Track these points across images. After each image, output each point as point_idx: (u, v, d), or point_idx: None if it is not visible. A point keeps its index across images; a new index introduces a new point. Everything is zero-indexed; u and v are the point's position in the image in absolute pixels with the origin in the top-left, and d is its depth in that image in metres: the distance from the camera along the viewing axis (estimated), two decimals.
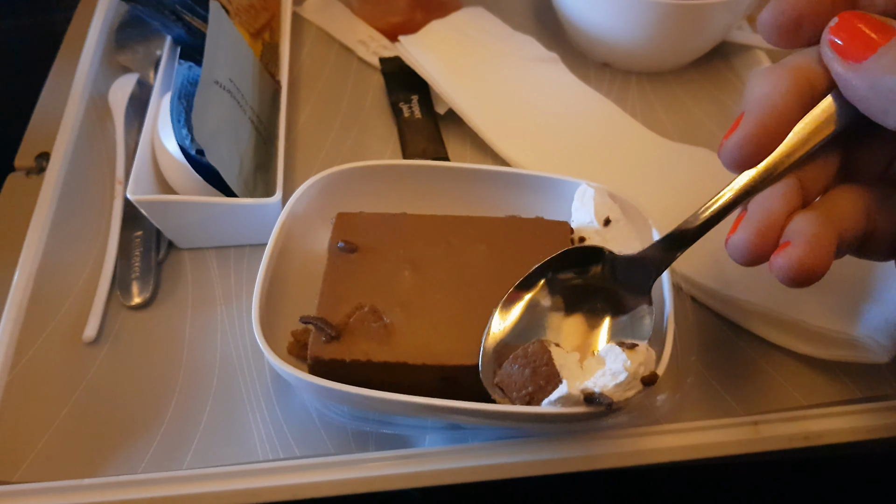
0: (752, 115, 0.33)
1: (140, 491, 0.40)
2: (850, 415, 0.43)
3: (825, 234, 0.32)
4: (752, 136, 0.32)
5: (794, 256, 0.31)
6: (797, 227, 0.32)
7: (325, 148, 0.57)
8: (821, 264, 0.31)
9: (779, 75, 0.33)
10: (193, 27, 0.55)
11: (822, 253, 0.31)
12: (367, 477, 0.40)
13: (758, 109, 0.32)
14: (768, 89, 0.32)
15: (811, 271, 0.31)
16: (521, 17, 0.68)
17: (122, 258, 0.50)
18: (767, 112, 0.32)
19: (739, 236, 0.33)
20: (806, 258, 0.31)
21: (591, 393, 0.36)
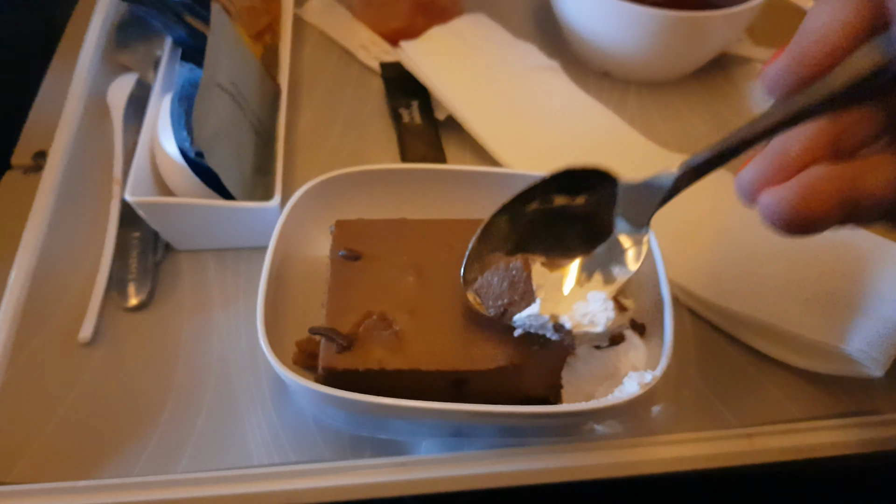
0: (800, 43, 0.30)
1: (135, 494, 0.39)
2: (843, 428, 0.43)
3: (830, 186, 0.29)
4: (795, 65, 0.30)
5: (780, 196, 0.29)
6: (805, 173, 0.30)
7: (325, 152, 0.58)
8: (813, 214, 0.29)
9: (841, 3, 0.30)
10: (195, 29, 0.55)
11: (817, 202, 0.29)
12: (363, 483, 0.40)
13: (808, 37, 0.30)
14: (825, 18, 0.30)
15: (799, 217, 0.29)
16: (522, 25, 0.68)
17: (119, 259, 0.49)
18: (818, 41, 0.30)
19: (745, 174, 0.31)
20: (794, 202, 0.29)
21: (560, 325, 0.36)
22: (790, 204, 0.29)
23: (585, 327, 0.37)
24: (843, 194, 0.29)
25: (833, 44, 0.29)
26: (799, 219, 0.29)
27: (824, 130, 0.30)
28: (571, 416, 0.39)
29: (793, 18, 0.58)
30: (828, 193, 0.29)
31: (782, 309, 0.45)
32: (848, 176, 0.30)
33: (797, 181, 0.29)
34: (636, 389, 0.38)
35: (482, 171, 0.48)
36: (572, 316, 0.37)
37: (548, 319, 0.37)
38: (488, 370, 0.39)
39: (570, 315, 0.37)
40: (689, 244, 0.50)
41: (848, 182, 0.29)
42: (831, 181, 0.29)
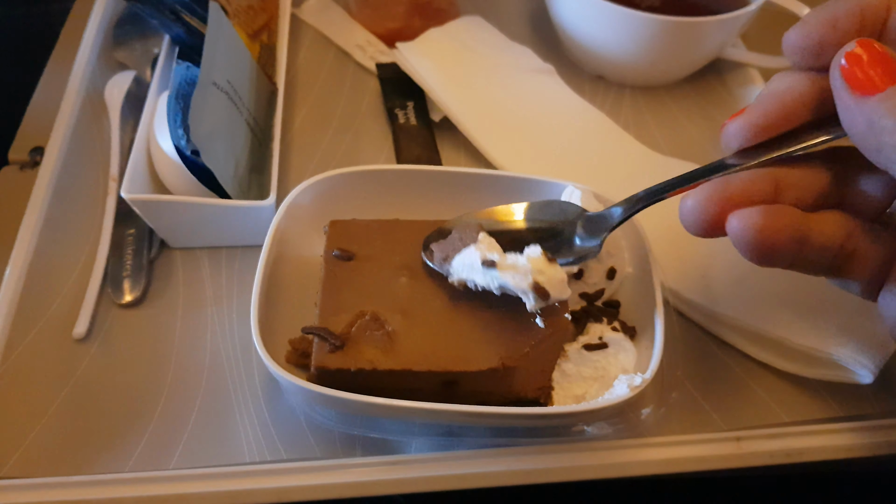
0: (760, 106, 0.35)
1: (127, 490, 0.40)
2: (831, 433, 0.44)
3: (790, 218, 0.32)
4: (753, 124, 0.34)
5: (751, 219, 0.32)
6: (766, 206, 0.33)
7: (320, 152, 0.58)
8: (779, 240, 0.32)
9: (800, 78, 0.34)
10: (192, 27, 0.55)
11: (782, 229, 0.32)
12: (353, 482, 0.41)
13: (767, 102, 0.34)
14: (784, 87, 0.34)
15: (767, 242, 0.32)
16: (517, 28, 0.68)
17: (114, 255, 0.50)
18: (776, 106, 0.34)
19: (691, 198, 0.34)
20: (765, 225, 0.32)
21: (490, 260, 0.39)
22: (756, 226, 0.32)
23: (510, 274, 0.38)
24: (798, 234, 0.33)
25: (788, 110, 0.34)
26: (760, 243, 0.32)
27: (768, 175, 0.34)
28: (561, 417, 0.40)
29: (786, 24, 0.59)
30: (786, 227, 0.32)
31: (772, 313, 0.46)
32: (802, 217, 0.33)
33: (763, 208, 0.32)
34: (626, 392, 0.38)
35: (476, 172, 0.49)
36: (501, 261, 0.39)
37: (478, 258, 0.39)
38: (479, 371, 0.39)
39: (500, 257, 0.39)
40: (680, 248, 0.50)
41: (801, 221, 0.33)
42: (790, 217, 0.33)
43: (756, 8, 0.58)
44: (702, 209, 0.34)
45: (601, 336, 0.44)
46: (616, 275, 0.47)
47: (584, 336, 0.44)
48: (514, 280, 0.38)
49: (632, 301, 0.46)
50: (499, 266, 0.39)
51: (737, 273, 0.48)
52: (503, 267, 0.39)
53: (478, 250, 0.39)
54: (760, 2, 0.58)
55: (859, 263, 0.35)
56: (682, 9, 0.58)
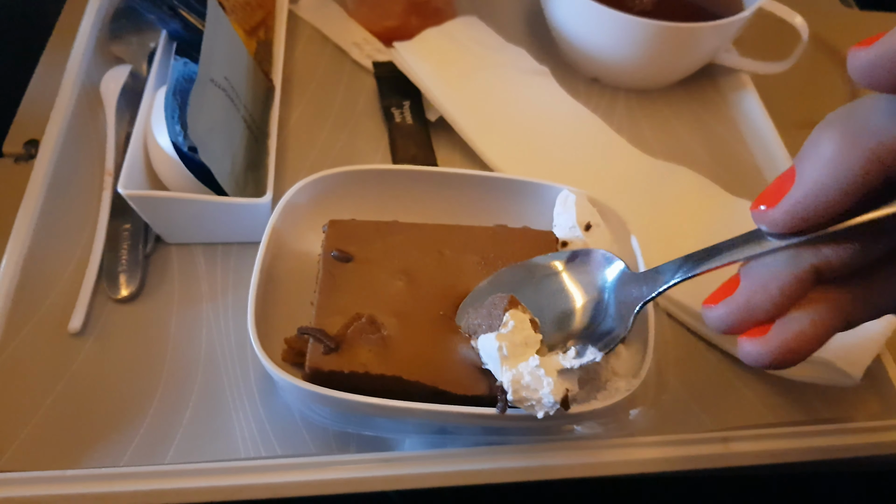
0: (799, 194, 0.28)
1: (122, 484, 0.40)
2: (816, 435, 0.44)
3: (815, 333, 0.29)
4: (790, 215, 0.29)
5: (761, 349, 0.30)
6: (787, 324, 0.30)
7: (316, 149, 0.58)
8: (792, 361, 0.30)
9: (849, 159, 0.27)
10: (189, 22, 0.55)
11: (796, 353, 0.30)
12: (347, 478, 0.41)
13: (806, 191, 0.28)
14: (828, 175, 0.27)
15: (778, 365, 0.30)
16: (513, 29, 0.69)
17: (110, 250, 0.50)
18: (816, 199, 0.28)
19: (716, 312, 0.31)
20: (775, 355, 0.30)
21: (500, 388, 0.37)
22: (770, 357, 0.30)
23: (524, 404, 0.36)
24: (824, 338, 0.30)
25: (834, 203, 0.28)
26: (777, 365, 0.30)
27: (807, 260, 0.30)
28: (553, 418, 0.40)
29: (779, 31, 0.60)
30: (812, 342, 0.29)
31: None
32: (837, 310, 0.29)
33: (778, 337, 0.29)
34: (617, 394, 0.39)
35: (472, 174, 0.49)
36: (517, 380, 0.36)
37: (497, 354, 0.37)
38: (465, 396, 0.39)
39: (516, 379, 0.36)
40: (671, 252, 0.50)
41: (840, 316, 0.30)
42: (814, 330, 0.29)
43: (749, 14, 0.58)
44: (730, 324, 0.31)
45: None
46: None
47: None
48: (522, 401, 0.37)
49: None
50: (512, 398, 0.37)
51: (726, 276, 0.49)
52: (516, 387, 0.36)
53: (498, 341, 0.37)
54: (754, 8, 0.59)
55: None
56: (675, 12, 0.59)
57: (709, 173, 0.57)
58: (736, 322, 0.31)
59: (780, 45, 0.61)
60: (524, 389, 0.36)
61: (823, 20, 0.70)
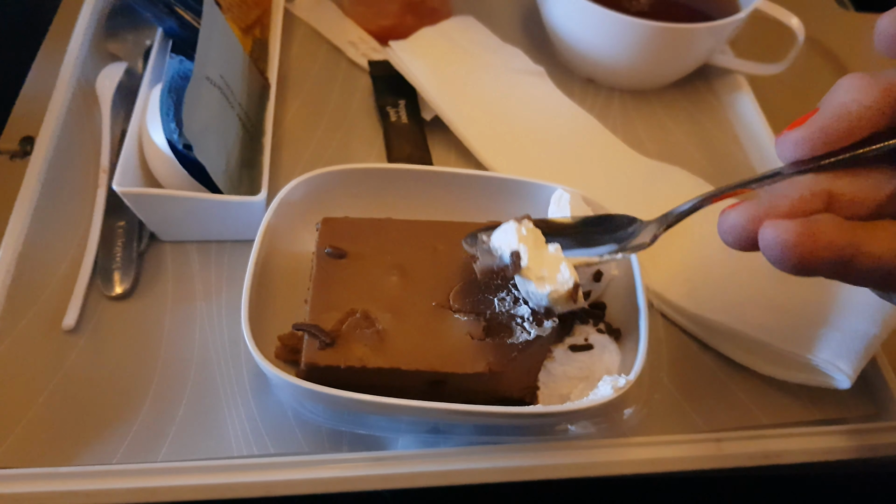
0: (822, 119, 0.31)
1: (115, 482, 0.40)
2: (809, 436, 0.45)
3: (832, 236, 0.29)
4: (812, 138, 0.31)
5: (781, 231, 0.30)
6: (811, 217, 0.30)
7: (311, 147, 0.58)
8: (809, 257, 0.29)
9: (867, 87, 0.31)
10: (185, 20, 0.55)
11: (815, 248, 0.29)
12: (340, 477, 0.41)
13: (830, 114, 0.31)
14: (850, 97, 0.31)
15: (795, 257, 0.29)
16: (509, 30, 0.69)
17: (104, 247, 0.50)
18: (839, 120, 0.31)
19: (733, 215, 0.32)
20: (794, 241, 0.29)
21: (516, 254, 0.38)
22: (789, 242, 0.29)
23: (534, 277, 0.38)
24: (842, 249, 0.30)
25: (854, 125, 0.31)
26: (795, 258, 0.30)
27: (823, 184, 0.31)
28: (546, 416, 0.40)
29: (775, 32, 0.60)
30: (828, 243, 0.29)
31: (753, 318, 0.46)
32: (852, 232, 0.30)
33: (801, 222, 0.30)
34: (610, 392, 0.39)
35: (467, 173, 0.49)
36: (533, 257, 0.38)
37: (514, 238, 0.38)
38: (466, 374, 0.39)
39: (532, 255, 0.38)
40: (664, 252, 0.51)
41: (850, 237, 0.30)
42: (835, 232, 0.29)
43: (745, 16, 0.58)
44: (743, 229, 0.31)
45: (587, 337, 0.45)
46: (602, 277, 0.47)
47: (570, 337, 0.45)
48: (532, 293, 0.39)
49: (617, 303, 0.47)
50: (524, 268, 0.38)
51: (720, 278, 0.49)
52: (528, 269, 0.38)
53: (516, 232, 0.39)
54: (749, 9, 0.59)
55: None
56: (671, 13, 0.59)
57: (703, 174, 0.57)
58: (749, 221, 0.31)
59: (776, 46, 0.62)
60: (538, 263, 0.38)
61: (819, 22, 0.70)
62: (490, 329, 0.41)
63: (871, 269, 0.30)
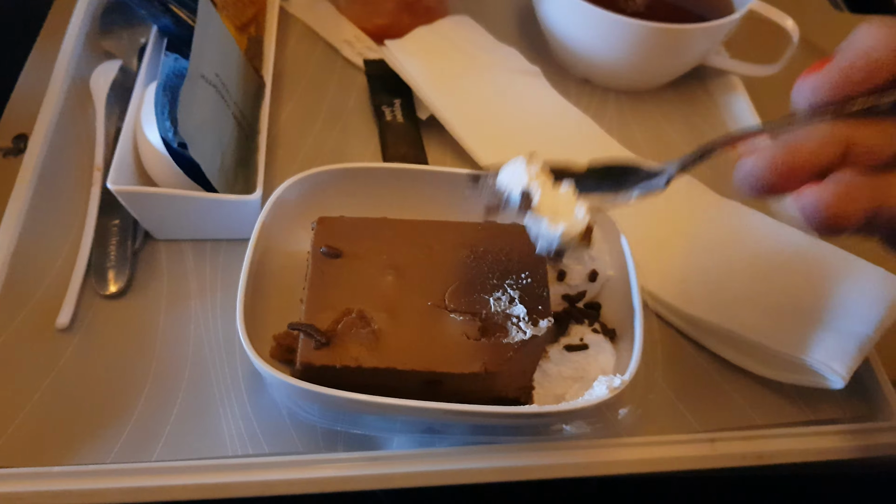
0: (842, 62, 0.31)
1: (109, 481, 0.40)
2: (802, 436, 0.45)
3: (863, 190, 0.30)
4: (832, 82, 0.31)
5: (823, 199, 0.30)
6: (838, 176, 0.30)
7: (306, 146, 0.58)
8: (851, 215, 0.30)
9: (887, 33, 0.30)
10: (180, 18, 0.55)
11: (854, 203, 0.30)
12: (335, 477, 0.41)
13: (850, 58, 0.31)
14: (870, 43, 0.31)
15: (839, 219, 0.30)
16: (505, 29, 0.69)
17: (98, 246, 0.50)
18: (859, 64, 0.31)
19: (753, 161, 0.31)
20: (830, 202, 0.30)
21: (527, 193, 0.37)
22: (830, 203, 0.30)
23: (547, 215, 0.37)
24: (872, 201, 0.30)
25: (872, 68, 0.31)
26: (836, 217, 0.30)
27: (842, 132, 0.31)
28: (541, 416, 0.40)
29: (769, 33, 0.60)
30: (862, 197, 0.30)
31: (748, 319, 0.47)
32: (876, 185, 0.30)
33: (833, 183, 0.30)
34: (605, 392, 0.39)
35: (462, 173, 0.49)
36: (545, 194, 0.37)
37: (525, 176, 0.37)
38: (462, 374, 0.39)
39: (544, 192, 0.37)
40: (660, 253, 0.51)
41: (878, 190, 0.30)
42: (864, 186, 0.30)
43: (739, 17, 0.59)
44: (763, 174, 0.31)
45: (582, 337, 0.45)
46: (597, 277, 0.47)
47: (566, 337, 0.45)
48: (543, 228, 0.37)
49: (612, 304, 0.47)
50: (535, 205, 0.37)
51: (714, 279, 0.49)
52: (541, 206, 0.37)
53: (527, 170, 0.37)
54: (744, 10, 0.59)
55: None
56: (667, 13, 0.59)
57: (698, 174, 0.57)
58: (767, 169, 0.31)
59: (771, 47, 0.62)
60: (552, 199, 0.36)
61: (813, 23, 0.70)
62: (486, 329, 0.41)
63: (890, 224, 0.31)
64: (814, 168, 0.31)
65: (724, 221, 0.53)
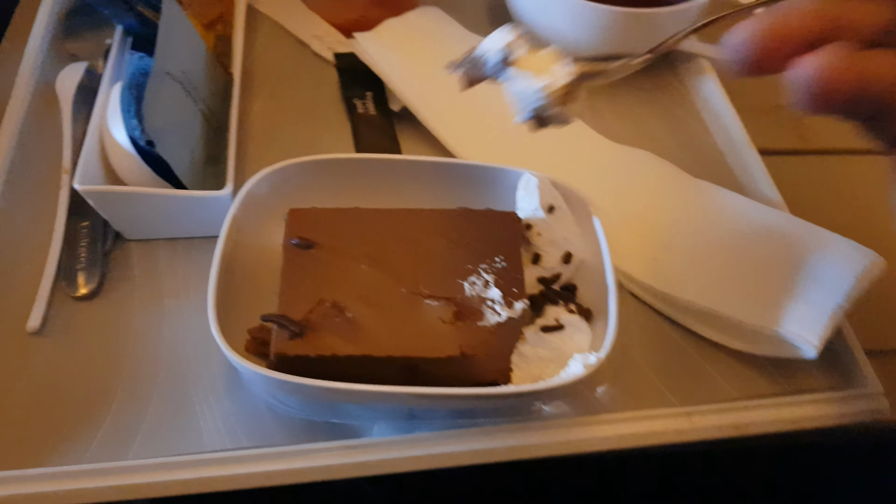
0: None
1: (85, 481, 0.39)
2: (778, 407, 0.45)
3: (849, 62, 0.29)
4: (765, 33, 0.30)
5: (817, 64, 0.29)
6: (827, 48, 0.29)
7: (278, 142, 0.58)
8: (841, 87, 0.29)
9: None
10: (145, 17, 0.55)
11: (844, 76, 0.29)
12: (315, 466, 0.41)
13: None
14: None
15: (829, 89, 0.29)
16: (475, 19, 0.68)
17: (68, 248, 0.49)
18: None
19: (742, 32, 0.30)
20: (830, 72, 0.29)
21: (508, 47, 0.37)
22: (819, 73, 0.29)
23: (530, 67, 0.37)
24: (858, 76, 0.29)
25: None
26: (825, 90, 0.29)
27: (826, 6, 0.30)
28: (520, 396, 0.40)
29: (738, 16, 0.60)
30: (849, 70, 0.29)
31: (721, 294, 0.47)
32: (863, 60, 0.30)
33: (824, 53, 0.29)
34: (581, 370, 0.39)
35: (435, 161, 0.49)
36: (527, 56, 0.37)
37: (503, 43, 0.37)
38: (439, 358, 0.39)
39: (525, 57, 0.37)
40: (633, 233, 0.51)
41: (863, 66, 0.29)
42: (852, 60, 0.29)
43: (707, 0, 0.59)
44: (754, 45, 0.30)
45: (557, 318, 0.45)
46: (572, 259, 0.47)
47: (542, 318, 0.45)
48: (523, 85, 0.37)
49: (588, 285, 0.47)
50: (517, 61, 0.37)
51: (687, 256, 0.50)
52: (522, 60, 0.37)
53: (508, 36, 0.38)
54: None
55: None
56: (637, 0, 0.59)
57: (671, 157, 0.57)
58: (758, 36, 0.30)
59: None
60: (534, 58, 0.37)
61: None
62: (461, 313, 0.41)
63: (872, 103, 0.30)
64: (801, 40, 0.30)
65: (696, 201, 0.53)
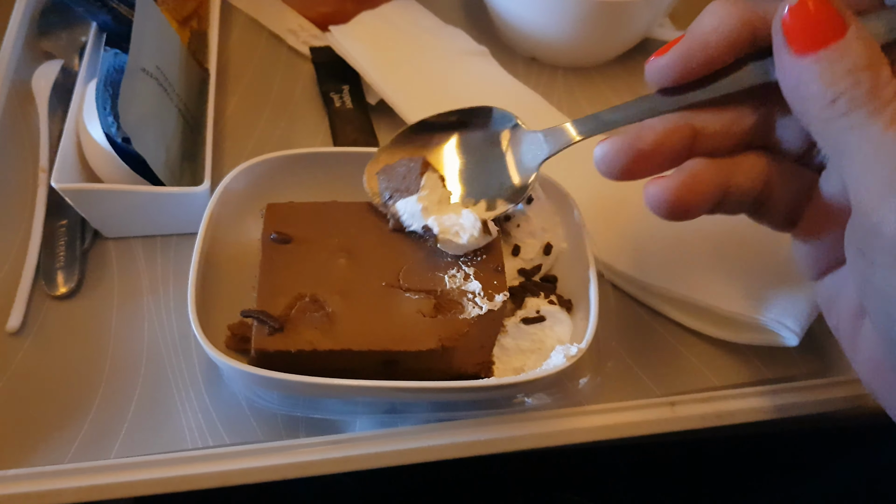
0: (683, 47, 0.33)
1: (67, 481, 0.39)
2: (760, 395, 0.45)
3: (708, 177, 0.33)
4: (674, 66, 0.33)
5: (665, 186, 0.33)
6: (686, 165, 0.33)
7: (254, 137, 0.57)
8: (692, 201, 0.33)
9: (728, 16, 0.32)
10: (119, 14, 0.54)
11: (696, 191, 0.33)
12: (297, 462, 0.41)
13: (690, 43, 0.33)
14: (711, 26, 0.32)
15: (680, 204, 0.33)
16: (450, 11, 0.68)
17: (47, 247, 0.49)
18: (698, 49, 0.33)
19: (604, 147, 0.34)
20: (678, 190, 0.33)
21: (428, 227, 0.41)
22: (674, 192, 0.33)
23: (450, 236, 0.41)
24: (718, 187, 0.33)
25: (712, 53, 0.33)
26: (680, 205, 0.33)
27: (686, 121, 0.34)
28: (501, 388, 0.40)
29: None
30: (706, 184, 0.33)
31: (701, 283, 0.47)
32: (722, 169, 0.33)
33: (679, 173, 0.33)
34: (562, 361, 0.39)
35: None
36: (441, 222, 0.41)
37: (420, 212, 0.41)
38: (419, 351, 0.39)
39: (440, 220, 0.41)
40: (613, 223, 0.51)
41: (723, 175, 0.33)
42: (709, 173, 0.33)
43: None
44: (613, 160, 0.34)
45: (538, 310, 0.45)
46: (552, 250, 0.47)
47: (522, 310, 0.45)
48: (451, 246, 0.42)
49: (568, 276, 0.47)
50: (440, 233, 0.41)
51: (667, 246, 0.50)
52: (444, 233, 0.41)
53: (419, 202, 0.42)
54: None
55: (775, 204, 0.35)
56: None
57: None
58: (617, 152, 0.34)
59: None
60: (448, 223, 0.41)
61: None
62: (441, 306, 0.41)
63: (741, 201, 0.35)
64: (662, 154, 0.34)
65: None
